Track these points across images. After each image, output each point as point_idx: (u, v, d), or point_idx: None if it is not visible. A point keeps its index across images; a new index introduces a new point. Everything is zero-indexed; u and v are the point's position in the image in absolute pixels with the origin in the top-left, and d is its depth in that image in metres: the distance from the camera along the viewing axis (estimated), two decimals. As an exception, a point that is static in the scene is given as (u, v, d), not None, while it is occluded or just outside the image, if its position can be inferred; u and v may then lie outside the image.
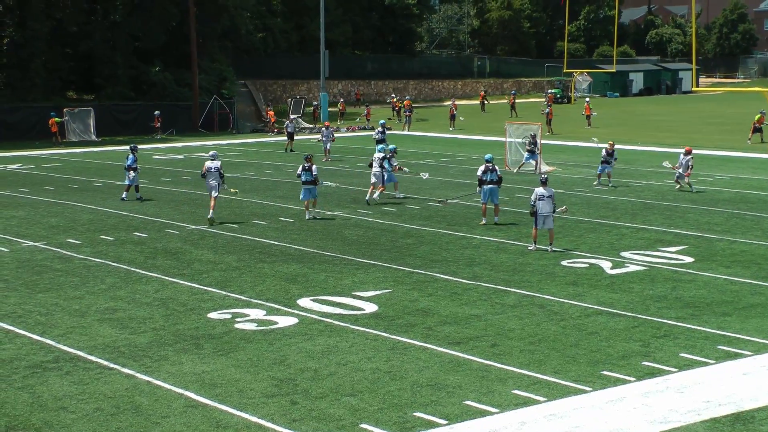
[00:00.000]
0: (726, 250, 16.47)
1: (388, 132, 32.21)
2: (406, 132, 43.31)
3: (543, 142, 28.52)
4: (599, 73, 72.04)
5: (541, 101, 57.65)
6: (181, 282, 14.24)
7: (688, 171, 23.64)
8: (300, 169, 19.46)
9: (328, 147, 31.53)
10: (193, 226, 18.98)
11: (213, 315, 12.38)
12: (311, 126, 46.81)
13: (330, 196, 22.95)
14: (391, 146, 23.60)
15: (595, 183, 24.77)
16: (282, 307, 12.72)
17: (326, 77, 52.47)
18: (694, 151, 24.56)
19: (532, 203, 16.18)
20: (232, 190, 20.55)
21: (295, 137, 36.77)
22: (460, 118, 45.67)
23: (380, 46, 69.02)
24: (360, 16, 65.37)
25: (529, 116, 46.02)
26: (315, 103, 49.94)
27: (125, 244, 17.23)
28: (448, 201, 21.83)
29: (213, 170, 19.29)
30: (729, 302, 12.96)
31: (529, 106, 59.78)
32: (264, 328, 11.79)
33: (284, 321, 12.05)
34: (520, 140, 28.31)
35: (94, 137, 40.78)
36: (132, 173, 22.27)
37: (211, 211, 19.17)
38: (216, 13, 48.52)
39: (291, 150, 34.48)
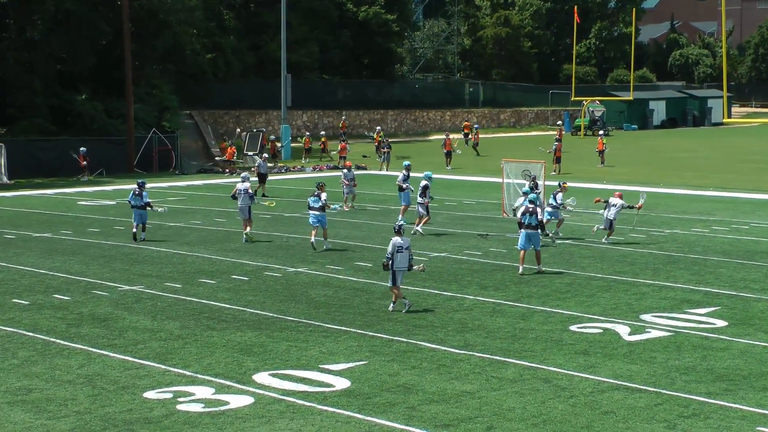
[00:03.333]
0: (765, 312, 16.76)
1: (363, 171, 32.22)
2: (384, 172, 43.45)
3: (548, 183, 28.95)
4: (614, 102, 73.44)
5: (551, 134, 58.59)
6: (112, 354, 14.21)
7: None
8: (311, 196, 22.80)
9: (349, 193, 30.31)
10: (127, 287, 18.98)
11: (150, 394, 12.37)
12: (271, 165, 47.10)
13: (293, 249, 23.07)
14: (427, 173, 26.16)
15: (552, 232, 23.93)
16: (234, 384, 12.74)
17: (289, 106, 53.12)
18: (725, 194, 24.88)
19: (389, 255, 16.56)
20: (268, 203, 25.59)
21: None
22: (457, 151, 46.22)
23: (353, 69, 69.95)
24: (329, 35, 66.27)
25: (530, 153, 46.65)
26: (272, 137, 50.13)
27: (43, 309, 17.17)
28: (488, 235, 24.65)
29: (243, 192, 23.82)
30: (769, 374, 13.18)
31: (530, 140, 60.61)
32: (212, 409, 11.78)
33: (237, 401, 12.06)
34: (519, 181, 28.66)
35: (5, 179, 40.72)
36: (141, 211, 24.10)
37: (245, 231, 23.84)
38: (156, 31, 48.95)
39: (264, 195, 33.79)
